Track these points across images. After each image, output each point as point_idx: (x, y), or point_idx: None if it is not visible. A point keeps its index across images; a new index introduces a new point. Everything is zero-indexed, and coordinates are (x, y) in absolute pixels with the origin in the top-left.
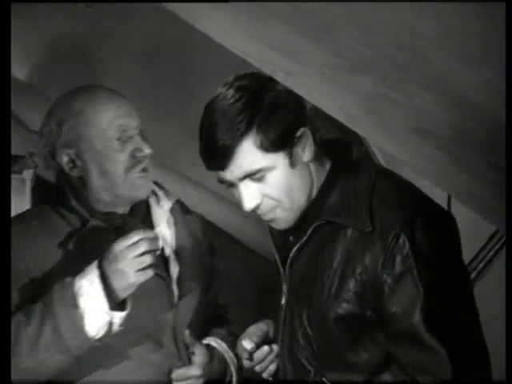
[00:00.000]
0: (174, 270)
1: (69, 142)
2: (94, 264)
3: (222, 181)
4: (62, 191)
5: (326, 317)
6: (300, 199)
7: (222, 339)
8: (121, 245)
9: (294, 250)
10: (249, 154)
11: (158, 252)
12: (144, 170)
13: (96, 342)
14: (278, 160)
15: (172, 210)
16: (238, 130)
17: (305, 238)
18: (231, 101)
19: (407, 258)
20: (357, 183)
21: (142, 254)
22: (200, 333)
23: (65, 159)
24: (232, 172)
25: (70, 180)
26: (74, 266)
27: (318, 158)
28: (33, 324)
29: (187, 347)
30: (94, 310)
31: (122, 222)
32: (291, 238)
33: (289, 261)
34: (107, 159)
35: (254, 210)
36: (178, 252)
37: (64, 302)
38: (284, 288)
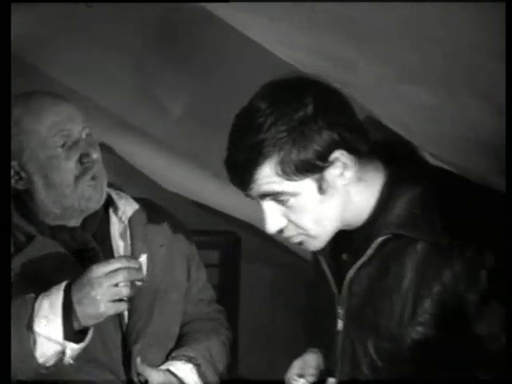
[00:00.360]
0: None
1: (11, 153)
2: (61, 286)
3: (246, 195)
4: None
5: (400, 345)
6: (331, 227)
7: (186, 361)
8: (99, 270)
9: (354, 269)
10: (268, 178)
11: (139, 283)
12: (94, 177)
13: (43, 369)
14: (303, 186)
15: (131, 221)
16: (258, 150)
17: (366, 257)
18: (259, 115)
19: (493, 272)
20: (421, 190)
21: (119, 284)
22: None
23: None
24: (252, 189)
25: (18, 193)
26: (19, 285)
27: (366, 169)
28: None
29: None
30: (47, 337)
31: (70, 236)
32: (345, 257)
33: (346, 282)
34: (52, 169)
35: (279, 232)
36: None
37: (19, 321)
38: (340, 312)
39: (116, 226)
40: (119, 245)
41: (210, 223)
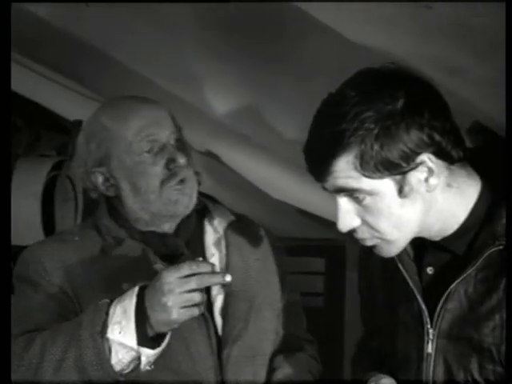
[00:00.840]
0: (217, 297)
1: (99, 160)
2: (134, 290)
3: (323, 188)
4: (100, 210)
5: None
6: (410, 233)
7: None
8: (170, 276)
9: (454, 284)
10: (344, 172)
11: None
12: (182, 181)
13: (121, 377)
14: (382, 186)
15: (226, 231)
16: (338, 140)
17: (470, 270)
18: (344, 103)
19: None
20: None
21: (192, 289)
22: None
23: (99, 179)
24: (328, 182)
25: (110, 200)
26: (104, 286)
27: (459, 175)
28: (58, 343)
29: None
30: (122, 343)
31: (162, 241)
32: (430, 271)
33: (443, 299)
34: (138, 175)
35: (352, 232)
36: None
37: (92, 328)
38: (430, 331)
39: (211, 236)
40: (213, 254)
41: (316, 231)
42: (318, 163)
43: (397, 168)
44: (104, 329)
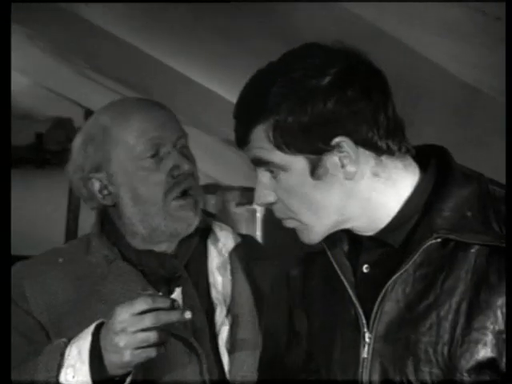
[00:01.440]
0: (222, 328)
1: (97, 164)
2: (91, 328)
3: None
4: (94, 224)
5: (453, 369)
6: (327, 219)
7: None
8: (123, 312)
9: (390, 284)
10: (259, 142)
11: (181, 322)
12: (185, 193)
13: None
14: (294, 162)
15: (231, 254)
16: (257, 107)
17: (407, 267)
18: (274, 70)
19: None
20: (471, 189)
21: (148, 328)
22: None
23: (96, 186)
24: (247, 151)
25: (105, 211)
26: (89, 315)
27: (391, 166)
28: None
29: None
30: None
31: (159, 262)
32: (365, 269)
33: (379, 299)
34: (140, 182)
35: (275, 214)
36: (231, 308)
37: (47, 372)
38: (366, 335)
39: (215, 260)
40: (217, 279)
41: None
42: (238, 130)
43: (309, 146)
44: (57, 372)
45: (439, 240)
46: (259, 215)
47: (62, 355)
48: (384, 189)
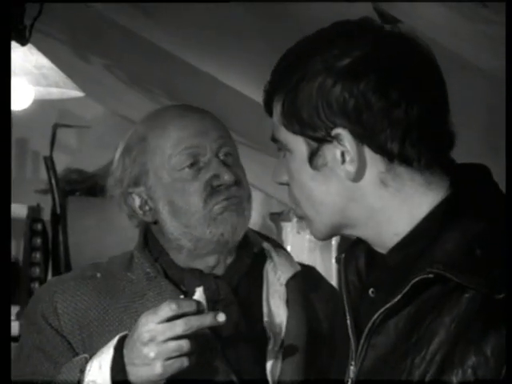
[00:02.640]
0: (275, 366)
1: (135, 177)
2: (113, 342)
3: None
4: (142, 238)
5: None
6: (327, 216)
7: None
8: (149, 321)
9: (379, 314)
10: (275, 116)
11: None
12: (228, 199)
13: None
14: (297, 145)
15: (288, 284)
16: (277, 82)
17: (396, 299)
18: (304, 47)
19: None
20: (485, 226)
21: (179, 336)
22: None
23: (137, 201)
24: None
25: (149, 228)
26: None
27: (407, 178)
28: None
29: None
30: None
31: (203, 282)
32: (371, 293)
33: (366, 330)
34: (177, 193)
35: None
36: (285, 343)
37: None
38: (352, 368)
39: (272, 288)
40: (272, 309)
41: None
42: (264, 100)
43: (308, 128)
44: None
45: (431, 276)
46: (334, 243)
47: (83, 371)
48: (391, 201)
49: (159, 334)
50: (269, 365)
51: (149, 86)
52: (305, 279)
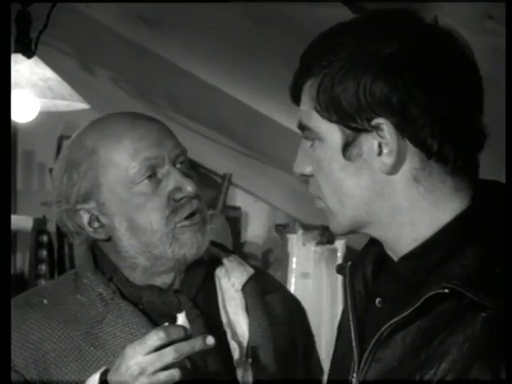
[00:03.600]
0: (246, 375)
1: (84, 193)
2: (94, 379)
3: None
4: (83, 259)
5: None
6: (351, 210)
7: None
8: (137, 352)
9: (387, 327)
10: (305, 99)
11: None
12: (191, 216)
13: None
14: (330, 133)
15: (244, 289)
16: (312, 63)
17: (407, 313)
18: (343, 31)
19: None
20: (504, 242)
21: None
22: None
23: (85, 218)
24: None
25: (96, 246)
26: (80, 367)
27: (438, 179)
28: None
29: None
30: None
31: (163, 298)
32: (378, 302)
33: (372, 342)
34: (137, 209)
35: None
36: (252, 351)
37: None
38: (354, 380)
39: (226, 295)
40: (231, 318)
41: None
42: (294, 81)
43: (347, 117)
44: None
45: (446, 291)
46: (340, 254)
47: None
48: (420, 202)
49: (149, 366)
50: (239, 375)
51: (154, 98)
52: (259, 282)
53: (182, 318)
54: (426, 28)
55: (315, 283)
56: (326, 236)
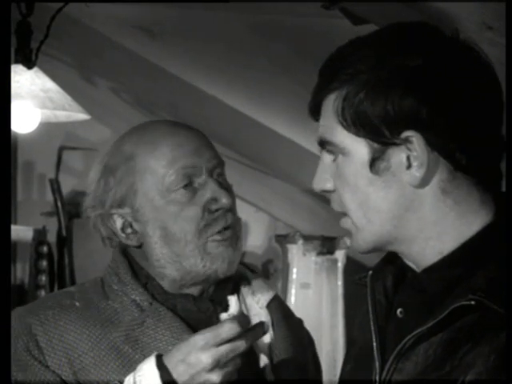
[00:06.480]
0: None
1: (121, 198)
2: (150, 361)
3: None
4: (116, 264)
5: None
6: (379, 226)
7: None
8: (209, 344)
9: (409, 338)
10: (326, 114)
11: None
12: (224, 232)
13: None
14: (356, 148)
15: (269, 307)
16: (334, 77)
17: (431, 324)
18: (366, 44)
19: None
20: None
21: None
22: None
23: (118, 223)
24: (318, 130)
25: (128, 250)
26: (120, 368)
27: (465, 191)
28: None
29: None
30: None
31: (198, 307)
32: (399, 313)
33: (394, 353)
34: (171, 217)
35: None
36: (275, 365)
37: None
38: None
39: (251, 311)
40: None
41: None
42: (313, 96)
43: (374, 130)
44: None
45: (473, 303)
46: (340, 265)
47: None
48: (447, 214)
49: (222, 358)
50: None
51: (155, 108)
52: (282, 303)
53: (234, 300)
54: (448, 41)
55: (316, 293)
56: (326, 246)
